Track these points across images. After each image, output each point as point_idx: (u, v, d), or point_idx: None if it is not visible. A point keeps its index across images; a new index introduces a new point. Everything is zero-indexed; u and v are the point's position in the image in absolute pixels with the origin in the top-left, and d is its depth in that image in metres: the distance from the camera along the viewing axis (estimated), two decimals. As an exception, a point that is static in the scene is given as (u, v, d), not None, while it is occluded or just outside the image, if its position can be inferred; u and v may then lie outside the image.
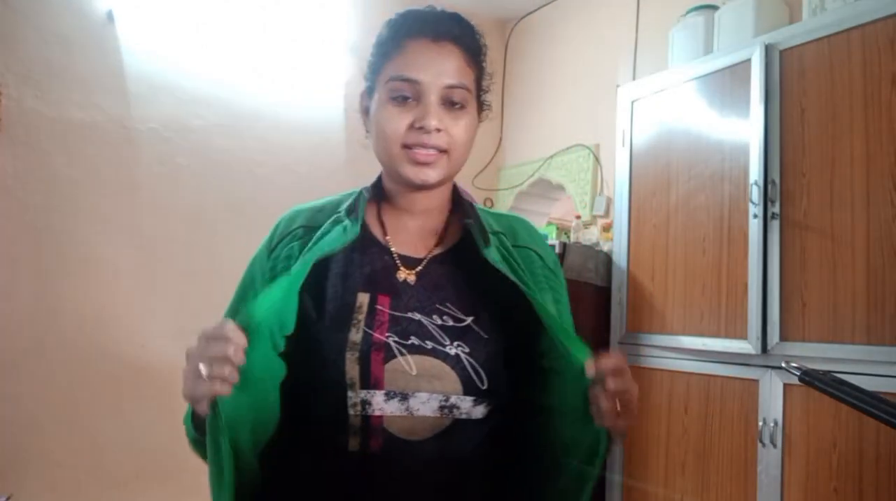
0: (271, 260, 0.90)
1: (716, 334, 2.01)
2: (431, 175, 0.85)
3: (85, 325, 2.58)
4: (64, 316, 2.55)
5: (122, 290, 2.66)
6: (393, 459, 0.79)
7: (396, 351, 0.80)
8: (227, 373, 0.67)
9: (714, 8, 2.35)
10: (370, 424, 0.79)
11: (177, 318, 2.77)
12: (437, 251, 0.91)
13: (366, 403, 0.79)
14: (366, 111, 0.94)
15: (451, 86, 0.85)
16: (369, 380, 0.79)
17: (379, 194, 0.95)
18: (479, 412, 0.83)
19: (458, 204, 0.95)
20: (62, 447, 2.50)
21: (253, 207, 2.97)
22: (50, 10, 2.56)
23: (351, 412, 0.79)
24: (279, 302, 0.76)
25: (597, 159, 3.01)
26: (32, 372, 2.47)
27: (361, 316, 0.82)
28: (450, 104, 0.85)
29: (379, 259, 0.88)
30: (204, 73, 2.87)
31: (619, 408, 0.69)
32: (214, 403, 0.68)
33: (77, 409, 2.54)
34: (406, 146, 0.84)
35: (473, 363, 0.81)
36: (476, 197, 1.35)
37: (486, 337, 0.83)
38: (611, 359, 0.71)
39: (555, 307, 0.88)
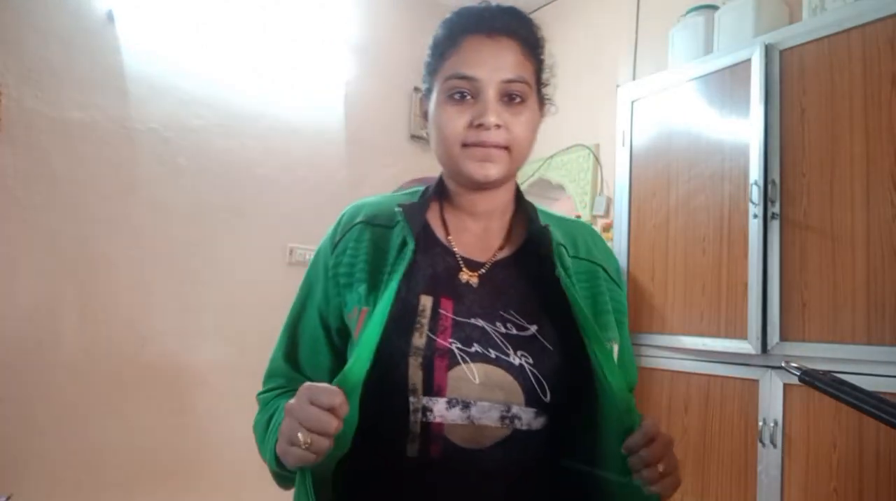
0: (334, 257, 0.90)
1: (716, 334, 2.01)
2: (493, 171, 0.83)
3: (85, 325, 2.58)
4: (64, 316, 2.55)
5: (121, 290, 2.66)
6: (451, 467, 0.78)
7: (460, 359, 0.79)
8: (326, 446, 0.68)
9: (714, 8, 2.35)
10: (430, 431, 0.78)
11: (177, 318, 2.77)
12: (501, 255, 0.89)
13: (427, 410, 0.78)
14: (425, 114, 0.92)
15: (510, 81, 0.83)
16: (432, 387, 0.78)
17: (441, 194, 0.93)
18: (540, 423, 0.81)
19: (521, 206, 0.94)
20: (62, 447, 2.50)
21: (253, 207, 2.97)
22: (50, 10, 2.56)
23: (412, 418, 0.78)
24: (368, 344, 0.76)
25: (597, 159, 3.01)
26: (32, 372, 2.47)
27: (425, 320, 0.80)
28: (509, 99, 0.84)
29: (442, 260, 0.87)
30: (204, 73, 2.87)
31: (660, 470, 0.70)
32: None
33: (77, 409, 2.54)
34: (466, 145, 0.83)
35: (537, 374, 0.80)
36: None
37: (550, 348, 0.82)
38: (641, 433, 0.72)
39: (617, 330, 0.88)
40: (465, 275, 0.86)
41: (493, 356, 0.79)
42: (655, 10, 2.82)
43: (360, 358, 0.74)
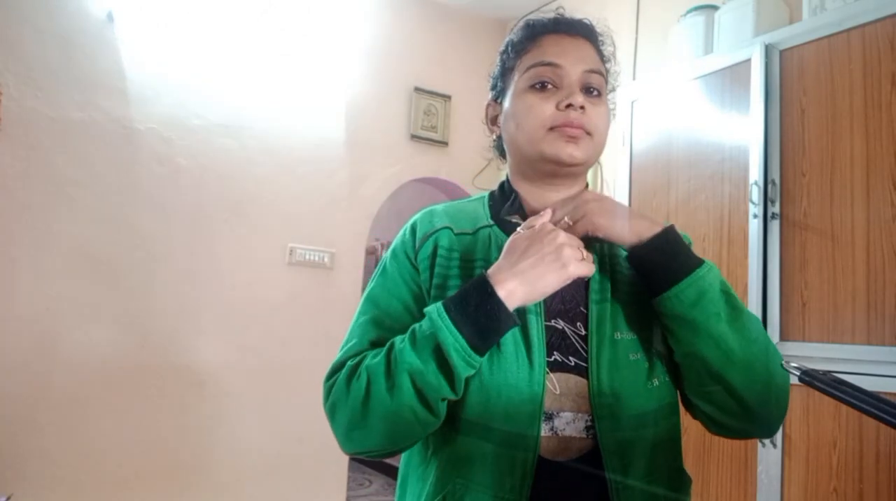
0: (420, 262, 0.86)
1: (716, 334, 2.01)
2: (578, 152, 0.83)
3: (84, 325, 2.58)
4: (63, 316, 2.55)
5: (121, 290, 2.66)
6: (540, 479, 0.76)
7: None
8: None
9: (714, 8, 2.34)
10: None
11: (177, 318, 2.77)
12: None
13: None
14: (493, 120, 0.94)
15: (591, 71, 0.85)
16: None
17: (506, 197, 0.92)
18: None
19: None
20: (62, 447, 2.50)
21: (253, 207, 2.97)
22: (50, 10, 2.56)
23: None
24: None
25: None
26: (32, 372, 2.47)
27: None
28: (587, 91, 0.85)
29: None
30: (204, 73, 2.87)
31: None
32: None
33: (77, 409, 2.54)
34: (552, 128, 0.83)
35: None
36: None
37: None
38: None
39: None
40: None
41: (572, 364, 0.78)
42: (655, 10, 2.82)
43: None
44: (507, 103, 0.89)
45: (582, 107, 0.82)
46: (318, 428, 3.03)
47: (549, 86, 0.84)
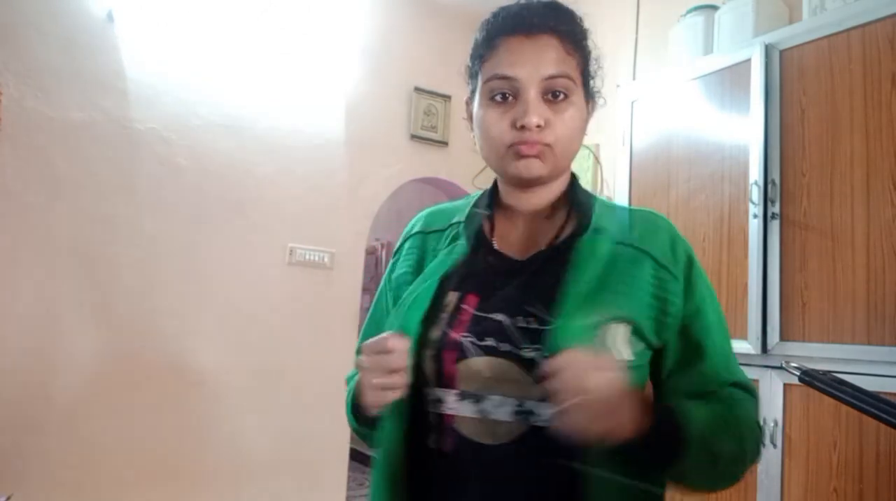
0: (392, 264, 0.97)
1: (716, 334, 2.01)
2: (536, 167, 0.83)
3: (85, 325, 2.58)
4: (64, 317, 2.55)
5: (121, 290, 2.66)
6: (464, 460, 0.78)
7: (471, 351, 0.79)
8: (399, 381, 0.76)
9: (714, 8, 2.35)
10: (443, 423, 0.80)
11: (177, 318, 2.77)
12: (539, 251, 0.87)
13: (439, 401, 0.80)
14: (471, 117, 0.92)
15: (551, 77, 0.82)
16: (442, 378, 0.80)
17: (492, 197, 0.95)
18: None
19: (577, 202, 0.90)
20: (62, 447, 2.50)
21: (253, 207, 2.97)
22: (50, 10, 2.56)
23: (430, 409, 0.81)
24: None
25: (597, 159, 3.01)
26: (32, 372, 2.47)
27: (445, 315, 0.82)
28: (551, 96, 0.83)
29: (483, 259, 0.88)
30: (204, 73, 2.87)
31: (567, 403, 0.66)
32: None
33: (77, 409, 2.54)
34: (510, 146, 0.83)
35: None
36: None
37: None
38: (559, 359, 0.68)
39: (650, 313, 0.82)
40: (500, 274, 0.85)
41: (504, 349, 0.78)
42: (655, 10, 2.82)
43: (411, 313, 0.83)
44: (475, 110, 0.89)
45: (538, 126, 0.81)
46: (318, 428, 3.03)
47: (509, 97, 0.83)
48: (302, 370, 3.00)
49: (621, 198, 2.44)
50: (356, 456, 3.57)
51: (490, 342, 0.79)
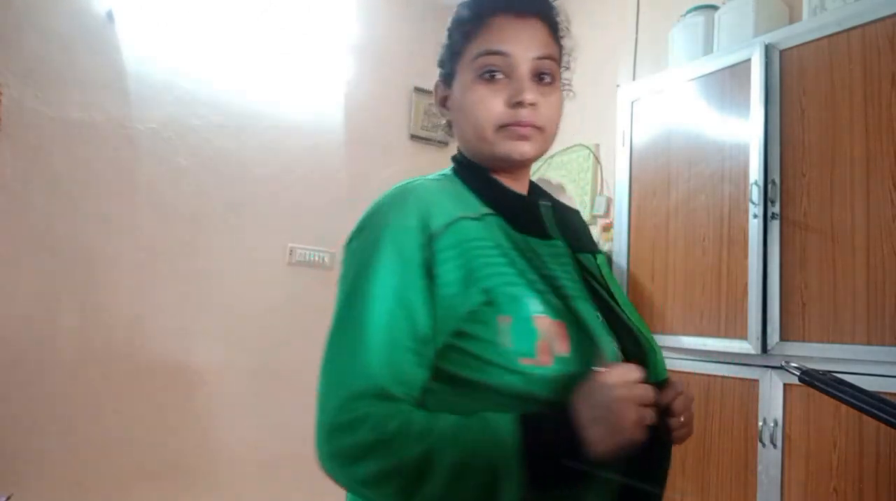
0: (440, 253, 0.74)
1: (716, 334, 2.01)
2: (528, 149, 0.82)
3: (85, 325, 2.58)
4: (64, 316, 2.55)
5: (121, 290, 2.66)
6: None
7: None
8: (651, 415, 0.68)
9: (714, 8, 2.34)
10: None
11: (177, 318, 2.77)
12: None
13: None
14: (442, 101, 0.90)
15: (541, 58, 0.82)
16: None
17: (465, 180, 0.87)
18: None
19: (533, 190, 0.92)
20: (62, 447, 2.50)
21: (253, 207, 2.97)
22: (50, 10, 2.56)
23: None
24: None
25: (597, 159, 3.01)
26: (32, 372, 2.47)
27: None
28: (539, 78, 0.82)
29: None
30: (204, 73, 2.87)
31: (682, 421, 0.80)
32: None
33: (77, 409, 2.54)
34: (502, 126, 0.81)
35: None
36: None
37: None
38: (673, 388, 0.78)
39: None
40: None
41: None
42: (655, 10, 2.82)
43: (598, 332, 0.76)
44: (456, 90, 0.85)
45: (532, 104, 0.80)
46: (318, 428, 3.03)
47: (499, 75, 0.81)
48: (302, 370, 2.99)
49: (621, 199, 2.44)
50: (356, 456, 3.58)
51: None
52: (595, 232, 2.84)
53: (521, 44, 0.81)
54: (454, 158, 0.91)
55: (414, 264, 0.72)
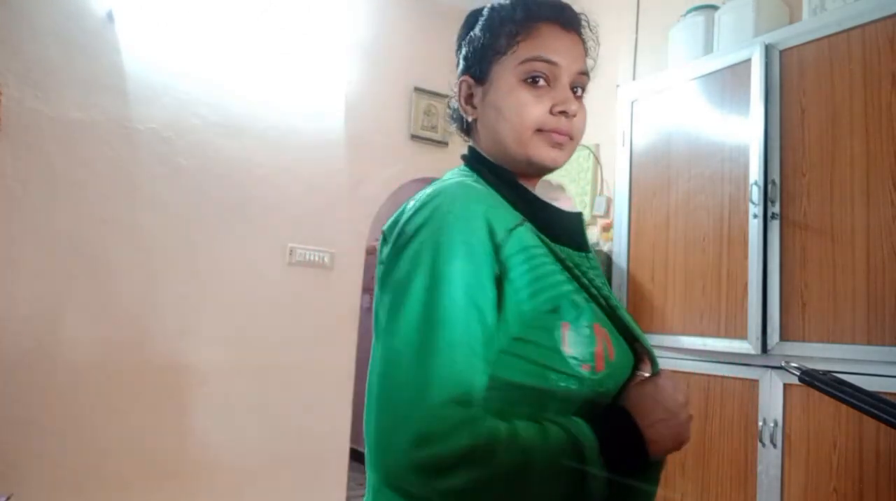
0: (507, 257, 0.74)
1: (716, 334, 2.01)
2: (560, 157, 0.85)
3: (85, 325, 2.58)
4: (64, 317, 2.55)
5: (121, 290, 2.66)
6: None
7: None
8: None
9: (714, 8, 2.35)
10: None
11: (177, 318, 2.77)
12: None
13: None
14: (468, 99, 0.89)
15: (582, 73, 0.85)
16: None
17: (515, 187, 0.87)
18: None
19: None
20: (62, 447, 2.50)
21: (253, 207, 2.97)
22: (50, 10, 2.56)
23: None
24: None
25: (597, 159, 3.01)
26: (33, 373, 2.47)
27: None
28: (573, 91, 0.85)
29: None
30: (204, 74, 2.87)
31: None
32: None
33: (77, 409, 2.54)
34: (540, 131, 0.82)
35: None
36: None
37: None
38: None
39: None
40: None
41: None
42: (655, 10, 2.82)
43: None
44: (491, 90, 0.85)
45: (574, 115, 0.82)
46: (318, 428, 3.03)
47: (542, 82, 0.82)
48: (302, 369, 2.99)
49: (621, 199, 2.44)
50: (356, 456, 3.57)
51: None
52: (595, 232, 2.84)
53: (568, 55, 0.84)
54: (470, 159, 0.90)
55: (485, 269, 0.72)
